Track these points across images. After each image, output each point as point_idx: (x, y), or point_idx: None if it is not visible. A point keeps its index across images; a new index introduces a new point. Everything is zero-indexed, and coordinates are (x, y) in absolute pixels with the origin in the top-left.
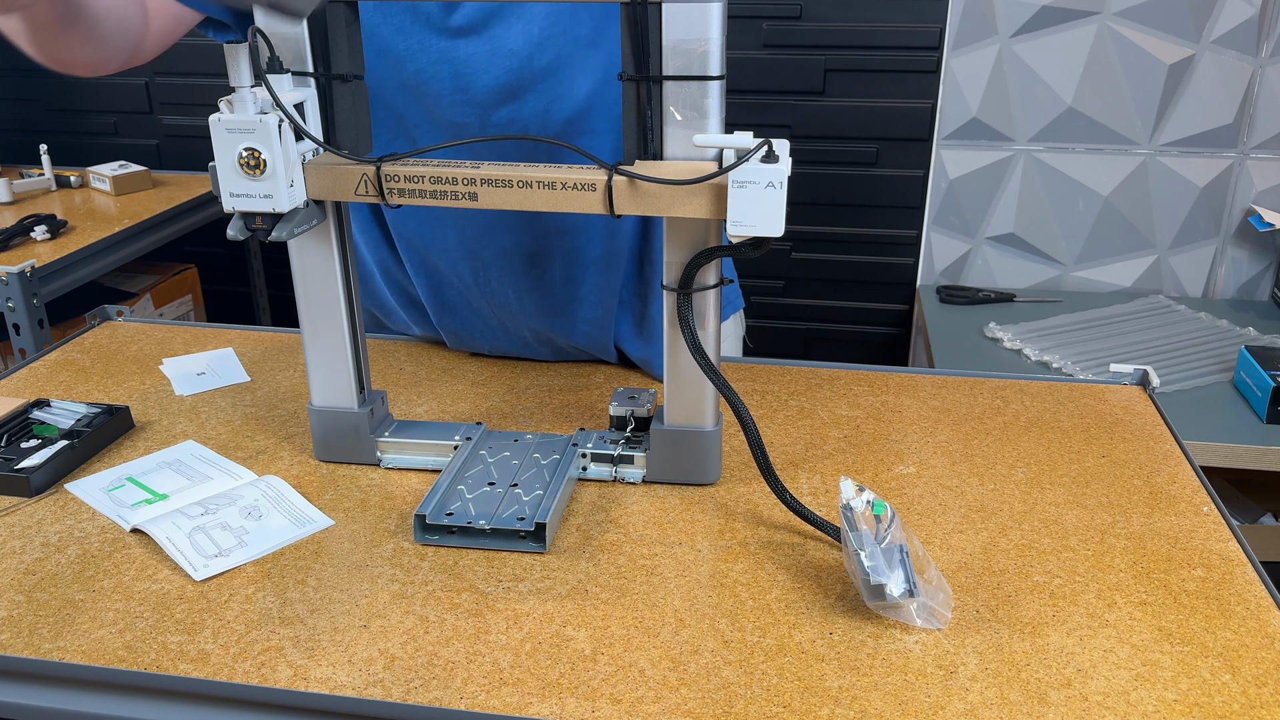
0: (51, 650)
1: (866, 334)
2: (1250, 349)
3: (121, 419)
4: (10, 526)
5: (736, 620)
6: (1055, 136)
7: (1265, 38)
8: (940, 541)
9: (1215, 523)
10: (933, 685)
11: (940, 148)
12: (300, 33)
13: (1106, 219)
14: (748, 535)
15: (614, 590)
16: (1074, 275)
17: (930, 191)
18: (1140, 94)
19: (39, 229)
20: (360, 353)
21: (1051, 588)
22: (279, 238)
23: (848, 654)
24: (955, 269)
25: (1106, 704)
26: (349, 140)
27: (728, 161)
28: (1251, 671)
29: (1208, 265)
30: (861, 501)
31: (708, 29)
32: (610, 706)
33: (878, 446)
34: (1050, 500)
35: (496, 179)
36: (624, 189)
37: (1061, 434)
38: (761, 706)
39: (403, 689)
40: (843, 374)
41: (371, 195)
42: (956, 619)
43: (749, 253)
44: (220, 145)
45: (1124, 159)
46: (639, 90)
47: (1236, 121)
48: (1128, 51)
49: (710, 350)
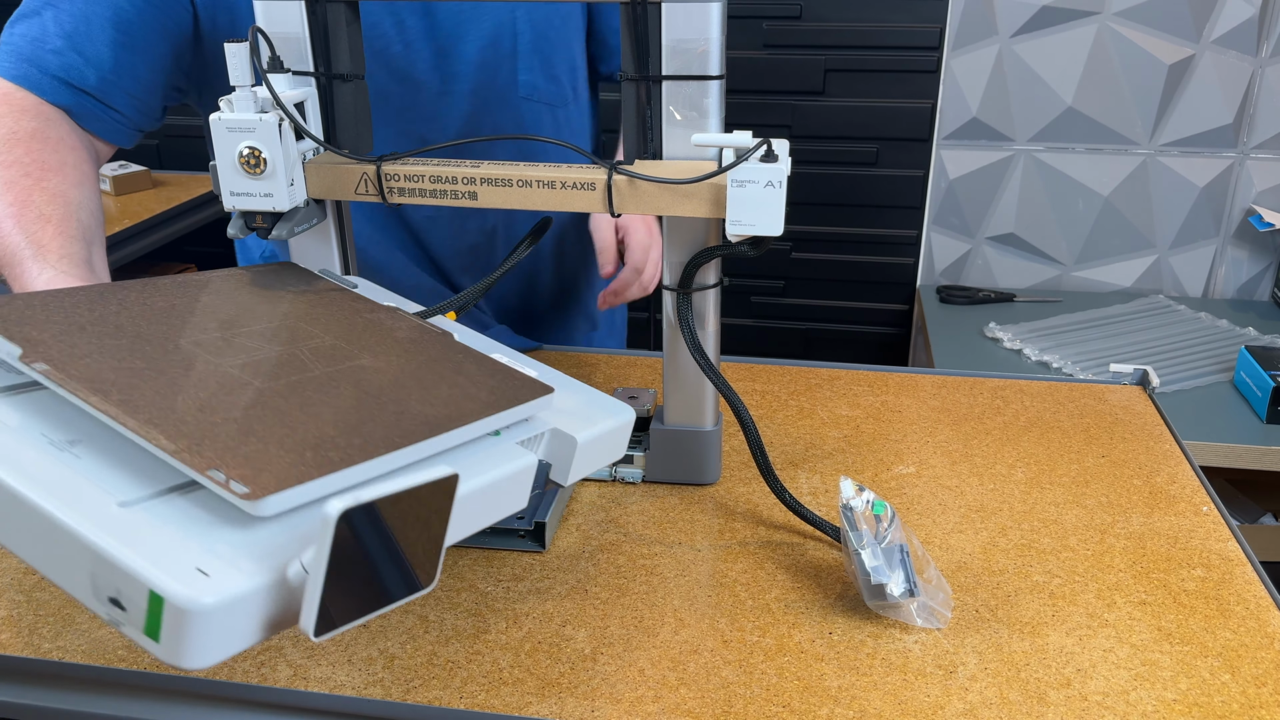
0: (51, 650)
1: (866, 334)
2: (1250, 349)
3: None
4: None
5: (736, 620)
6: (1055, 136)
7: (1265, 38)
8: (940, 541)
9: (1215, 523)
10: (932, 685)
11: (940, 148)
12: (301, 32)
13: (1106, 219)
14: (747, 535)
15: (614, 590)
16: (1074, 275)
17: (930, 191)
18: (1140, 94)
19: None
20: None
21: (1051, 587)
22: (279, 237)
23: (847, 654)
24: (955, 269)
25: (1106, 704)
26: (349, 139)
27: (727, 161)
28: (1251, 671)
29: (1208, 265)
30: (861, 501)
31: (708, 29)
32: (610, 706)
33: (877, 446)
34: (1050, 500)
35: (496, 178)
36: (624, 188)
37: (1061, 434)
38: (761, 706)
39: (403, 689)
40: (843, 374)
41: (371, 194)
42: (956, 619)
43: (748, 252)
44: (220, 144)
45: (1124, 159)
46: (639, 90)
47: (1236, 121)
48: (1128, 51)
49: (710, 350)
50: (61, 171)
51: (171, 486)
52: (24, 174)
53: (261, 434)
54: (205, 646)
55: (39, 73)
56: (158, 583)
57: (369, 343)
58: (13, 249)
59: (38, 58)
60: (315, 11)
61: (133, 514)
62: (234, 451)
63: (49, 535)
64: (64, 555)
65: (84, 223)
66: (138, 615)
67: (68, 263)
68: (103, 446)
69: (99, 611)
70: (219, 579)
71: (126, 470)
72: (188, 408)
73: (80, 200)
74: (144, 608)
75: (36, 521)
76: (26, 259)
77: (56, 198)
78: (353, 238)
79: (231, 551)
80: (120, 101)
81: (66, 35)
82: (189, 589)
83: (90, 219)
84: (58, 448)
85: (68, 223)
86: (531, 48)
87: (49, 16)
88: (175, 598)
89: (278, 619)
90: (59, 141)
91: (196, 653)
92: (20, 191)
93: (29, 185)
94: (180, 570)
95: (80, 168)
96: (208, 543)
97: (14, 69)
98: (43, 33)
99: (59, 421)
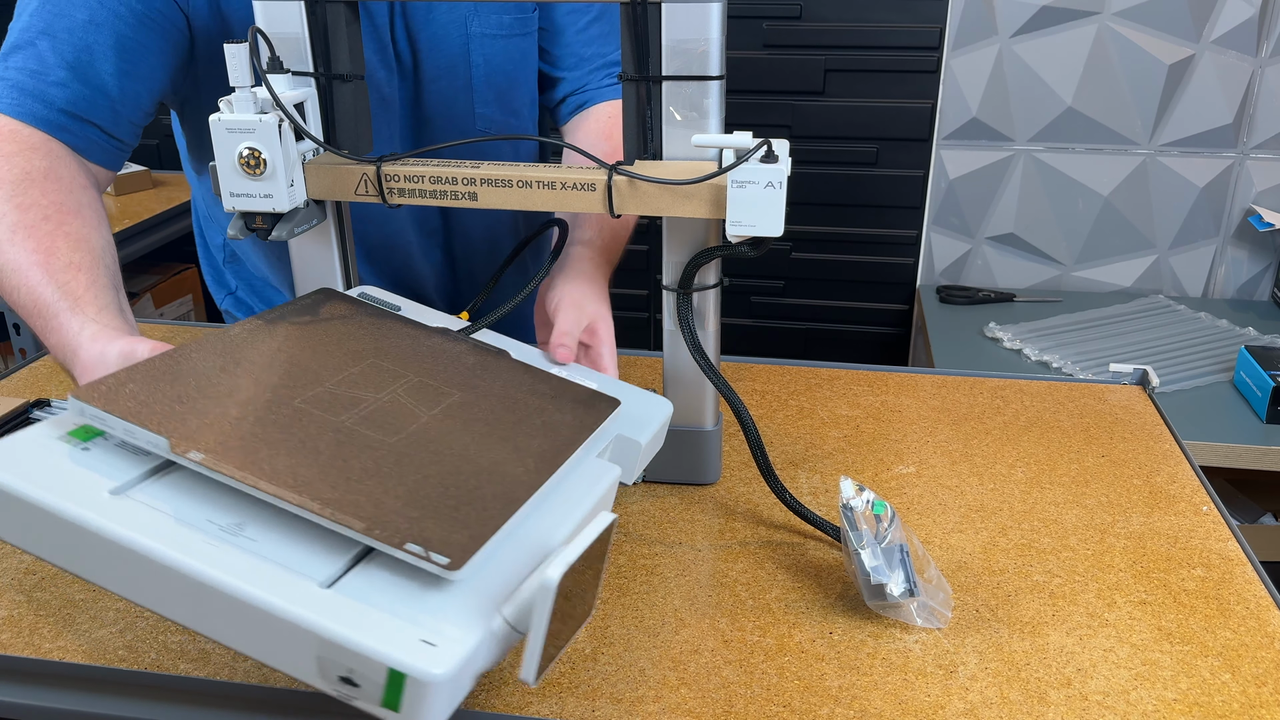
0: (51, 650)
1: (866, 334)
2: (1250, 349)
3: None
4: None
5: (736, 620)
6: (1055, 136)
7: (1265, 38)
8: (940, 541)
9: (1215, 522)
10: (933, 685)
11: (940, 148)
12: (300, 33)
13: (1106, 219)
14: (748, 535)
15: (614, 590)
16: (1074, 275)
17: (930, 191)
18: (1140, 94)
19: None
20: None
21: (1051, 587)
22: (279, 237)
23: (847, 653)
24: (955, 269)
25: (1106, 703)
26: (349, 140)
27: (727, 161)
28: (1251, 671)
29: (1208, 265)
30: (862, 501)
31: (707, 29)
32: (610, 706)
33: (877, 446)
34: (1050, 500)
35: (496, 179)
36: (624, 189)
37: (1061, 434)
38: (761, 706)
39: None
40: (843, 374)
41: (371, 195)
42: (956, 618)
43: (748, 253)
44: (220, 145)
45: (1124, 159)
46: (639, 90)
47: (1236, 121)
48: (1128, 51)
49: (710, 350)
50: (80, 214)
51: (355, 557)
52: (44, 218)
53: (424, 497)
54: (440, 709)
55: (44, 107)
56: (396, 661)
57: (448, 375)
58: (46, 301)
59: (41, 92)
60: (315, 12)
61: (338, 594)
62: (417, 523)
63: (263, 624)
64: (283, 642)
65: (109, 267)
66: (374, 691)
67: (108, 314)
68: (269, 525)
69: (325, 689)
70: (445, 648)
71: (303, 547)
72: (348, 479)
73: (102, 245)
74: (381, 684)
75: (246, 612)
76: (63, 312)
77: (80, 243)
78: (352, 238)
79: (439, 618)
80: (125, 131)
81: (69, 66)
82: (424, 663)
83: (113, 263)
84: (230, 532)
85: (96, 270)
86: (486, 82)
87: (46, 47)
88: (415, 673)
89: (484, 669)
90: (71, 181)
91: (433, 716)
92: (43, 238)
93: (51, 230)
94: (410, 646)
95: (94, 207)
96: (413, 613)
97: (17, 104)
98: (42, 64)
99: (215, 504)
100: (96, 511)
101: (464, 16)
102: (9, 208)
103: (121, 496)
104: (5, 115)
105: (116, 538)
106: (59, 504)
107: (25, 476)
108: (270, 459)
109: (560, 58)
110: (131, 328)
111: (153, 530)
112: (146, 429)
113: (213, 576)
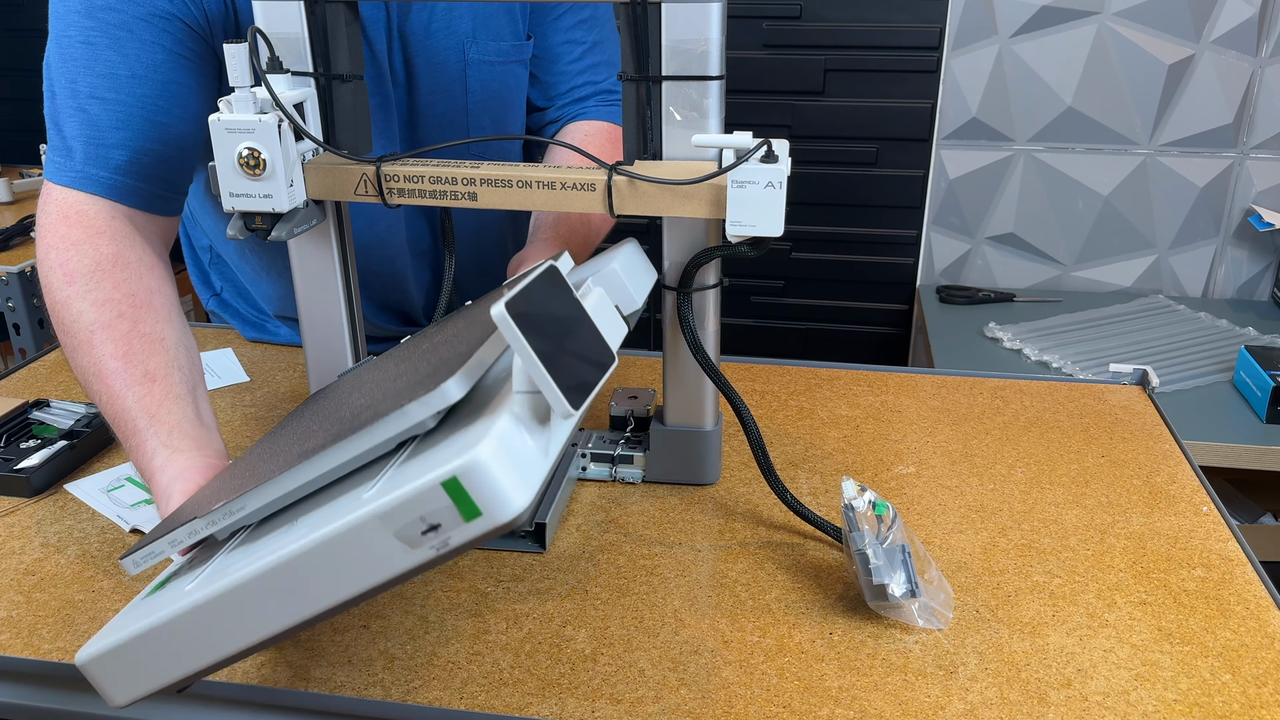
0: (51, 650)
1: (866, 334)
2: (1250, 349)
3: None
4: (10, 527)
5: (736, 620)
6: (1055, 136)
7: (1265, 38)
8: (940, 541)
9: (1215, 523)
10: (933, 685)
11: (940, 148)
12: (300, 33)
13: (1106, 219)
14: (748, 535)
15: (614, 590)
16: (1074, 275)
17: (930, 191)
18: (1140, 94)
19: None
20: (360, 353)
21: (1051, 587)
22: (279, 237)
23: (848, 654)
24: (955, 269)
25: (1106, 704)
26: (349, 140)
27: (727, 161)
28: (1251, 671)
29: (1207, 265)
30: (864, 502)
31: (707, 29)
32: (610, 706)
33: (877, 446)
34: (1050, 500)
35: (496, 179)
36: (624, 189)
37: (1061, 434)
38: (761, 706)
39: (403, 689)
40: (843, 374)
41: (371, 195)
42: (956, 619)
43: (748, 253)
44: (220, 145)
45: (1124, 159)
46: (639, 90)
47: (1236, 121)
48: (1128, 51)
49: (710, 350)
50: (151, 306)
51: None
52: (118, 315)
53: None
54: (514, 484)
55: (107, 172)
56: (441, 474)
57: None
58: (127, 414)
59: (101, 157)
60: (314, 12)
61: (377, 491)
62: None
63: (343, 552)
64: (366, 550)
65: (183, 368)
66: (453, 517)
67: (179, 433)
68: (305, 511)
69: (427, 557)
70: (476, 440)
71: (332, 504)
72: (323, 431)
73: (176, 339)
74: (449, 504)
75: (324, 557)
76: (142, 429)
77: (155, 344)
78: (352, 238)
79: (461, 440)
80: (184, 175)
81: (121, 126)
82: (464, 458)
83: (187, 359)
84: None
85: (170, 378)
86: (482, 107)
87: (97, 110)
88: (459, 468)
89: (554, 446)
90: (139, 264)
91: (514, 492)
92: (119, 339)
93: (126, 330)
94: (446, 460)
95: (163, 291)
96: (439, 456)
97: (80, 174)
98: (95, 129)
99: (257, 530)
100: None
101: (461, 43)
102: (85, 305)
103: (183, 578)
104: (68, 188)
105: (195, 602)
106: (150, 621)
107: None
108: (266, 472)
109: (551, 85)
110: (207, 434)
111: (219, 575)
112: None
113: (282, 555)
